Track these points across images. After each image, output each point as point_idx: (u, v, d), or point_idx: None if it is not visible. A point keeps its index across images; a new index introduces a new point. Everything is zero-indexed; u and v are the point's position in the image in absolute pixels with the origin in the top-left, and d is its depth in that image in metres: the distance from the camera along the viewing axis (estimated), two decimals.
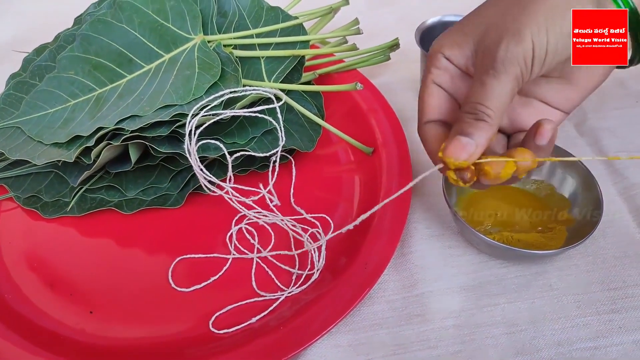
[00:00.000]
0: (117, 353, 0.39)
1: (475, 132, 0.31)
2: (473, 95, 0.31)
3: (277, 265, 0.43)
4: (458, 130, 0.32)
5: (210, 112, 0.40)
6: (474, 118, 0.31)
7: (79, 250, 0.45)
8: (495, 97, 0.31)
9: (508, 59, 0.30)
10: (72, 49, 0.49)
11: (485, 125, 0.31)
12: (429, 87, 0.35)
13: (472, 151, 0.31)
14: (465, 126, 0.31)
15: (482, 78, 0.31)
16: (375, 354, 0.39)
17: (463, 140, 0.31)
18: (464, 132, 0.31)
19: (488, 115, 0.31)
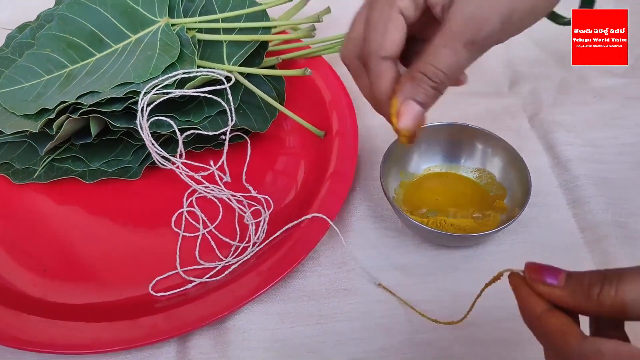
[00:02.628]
0: (64, 309, 0.42)
1: (428, 99, 0.30)
2: (440, 60, 0.29)
3: (220, 237, 0.46)
4: (411, 94, 0.29)
5: (162, 90, 0.43)
6: (433, 87, 0.29)
7: (42, 214, 0.49)
8: (460, 70, 0.29)
9: (483, 36, 0.28)
10: (50, 27, 0.53)
11: (438, 94, 0.30)
12: (394, 16, 0.30)
13: (422, 118, 0.30)
14: (419, 92, 0.29)
15: (456, 46, 0.28)
16: (299, 322, 0.41)
17: (416, 109, 0.29)
18: (421, 100, 0.29)
19: (443, 83, 0.29)
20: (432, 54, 0.29)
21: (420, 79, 0.29)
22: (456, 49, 0.28)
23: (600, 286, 0.23)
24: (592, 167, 0.50)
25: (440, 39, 0.29)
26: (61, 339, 0.39)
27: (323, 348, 0.40)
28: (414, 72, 0.30)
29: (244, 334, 0.41)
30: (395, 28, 0.31)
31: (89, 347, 0.39)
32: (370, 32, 0.31)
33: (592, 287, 0.23)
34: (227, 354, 0.40)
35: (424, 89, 0.29)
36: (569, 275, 0.25)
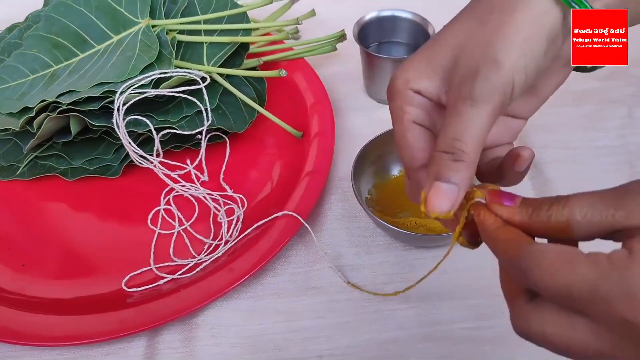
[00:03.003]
0: (40, 303, 0.43)
1: (455, 174, 0.27)
2: (448, 130, 0.28)
3: (194, 235, 0.47)
4: (435, 175, 0.28)
5: (138, 90, 0.44)
6: (452, 159, 0.27)
7: (23, 211, 0.50)
8: (474, 130, 0.27)
9: (488, 89, 0.27)
10: (37, 28, 0.54)
11: (464, 165, 0.27)
12: (410, 128, 0.30)
13: (456, 197, 0.27)
14: (443, 170, 0.27)
15: (458, 109, 0.27)
16: (267, 319, 0.42)
17: (444, 187, 0.27)
18: (442, 176, 0.27)
19: (466, 153, 0.27)
20: (442, 129, 0.28)
21: (438, 156, 0.28)
22: (459, 111, 0.27)
23: (550, 205, 0.25)
24: (571, 169, 0.50)
25: (446, 112, 0.29)
26: (35, 331, 0.41)
27: (290, 345, 0.41)
28: (432, 154, 0.29)
29: (212, 329, 0.41)
30: (414, 138, 0.30)
31: (61, 339, 0.40)
32: (399, 152, 0.31)
33: (542, 206, 0.25)
34: (196, 349, 0.41)
35: (445, 164, 0.27)
36: (525, 199, 0.27)
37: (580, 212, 0.24)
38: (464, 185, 0.27)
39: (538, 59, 0.27)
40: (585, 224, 0.24)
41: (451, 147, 0.27)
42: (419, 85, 0.30)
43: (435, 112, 0.31)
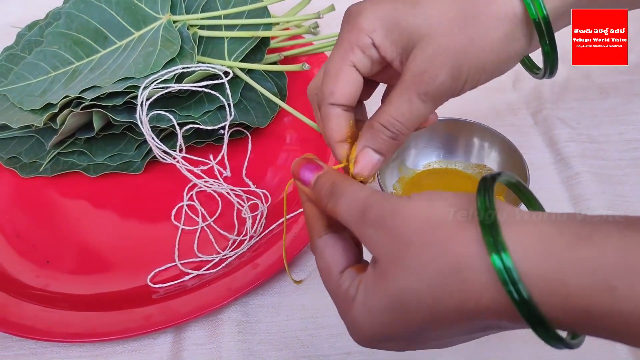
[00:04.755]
0: (64, 299, 0.43)
1: (387, 150, 0.31)
2: (394, 110, 0.30)
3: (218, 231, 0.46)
4: (370, 143, 0.31)
5: (161, 85, 0.44)
6: (390, 136, 0.30)
7: (46, 207, 0.50)
8: (416, 119, 0.30)
9: (443, 93, 0.29)
10: (57, 25, 0.54)
11: (396, 144, 0.31)
12: (346, 69, 0.31)
13: (379, 167, 0.31)
14: (378, 142, 0.30)
15: (410, 97, 0.29)
16: (294, 315, 0.42)
17: (375, 157, 0.31)
18: (378, 148, 0.30)
19: (402, 134, 0.30)
20: (390, 104, 0.30)
21: (378, 128, 0.30)
22: (411, 100, 0.29)
23: (327, 200, 0.28)
24: (594, 164, 0.49)
25: (397, 90, 0.30)
26: (60, 328, 0.40)
27: (317, 342, 0.40)
28: (373, 122, 0.31)
29: (239, 326, 0.41)
30: (347, 80, 0.32)
31: (86, 335, 0.40)
32: (324, 79, 0.32)
33: (322, 198, 0.28)
34: (222, 345, 0.40)
35: (382, 138, 0.30)
36: (316, 181, 0.29)
37: (342, 218, 0.27)
38: (388, 157, 0.31)
39: (494, 68, 0.31)
40: (348, 225, 0.27)
41: (392, 126, 0.30)
42: (381, 42, 0.31)
43: (378, 67, 0.32)
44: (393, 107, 0.30)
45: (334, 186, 0.28)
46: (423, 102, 0.29)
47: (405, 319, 0.25)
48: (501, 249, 0.22)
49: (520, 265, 0.22)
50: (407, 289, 0.24)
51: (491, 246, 0.22)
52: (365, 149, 0.31)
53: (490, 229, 0.22)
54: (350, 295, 0.27)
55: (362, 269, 0.28)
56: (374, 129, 0.30)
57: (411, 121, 0.30)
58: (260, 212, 0.46)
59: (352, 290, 0.27)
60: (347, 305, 0.27)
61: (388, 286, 0.25)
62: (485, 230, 0.22)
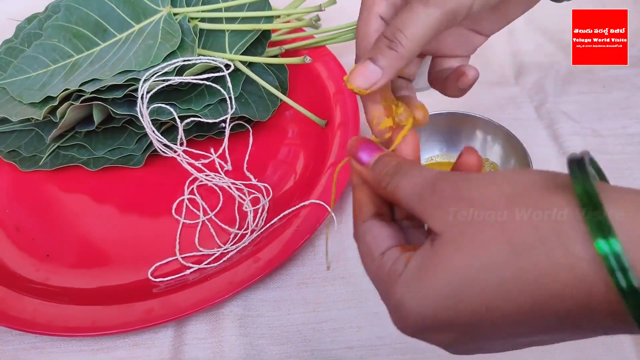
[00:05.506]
0: (64, 293, 0.43)
1: (383, 60, 0.28)
2: (396, 19, 0.28)
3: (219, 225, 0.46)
4: (369, 55, 0.29)
5: (161, 77, 0.44)
6: (387, 45, 0.28)
7: (46, 201, 0.50)
8: (417, 26, 0.28)
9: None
10: (57, 18, 0.53)
11: (395, 55, 0.28)
12: (374, 20, 0.31)
13: (377, 79, 0.28)
14: (375, 52, 0.28)
15: (412, 3, 0.28)
16: (295, 309, 0.41)
17: (370, 67, 0.28)
18: (373, 58, 0.28)
19: (402, 45, 0.28)
20: (394, 18, 0.29)
21: (378, 39, 0.29)
22: (412, 6, 0.28)
23: (389, 178, 0.26)
24: (598, 158, 0.47)
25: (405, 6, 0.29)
26: (60, 322, 0.40)
27: (319, 336, 0.40)
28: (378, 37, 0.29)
29: (240, 320, 0.41)
30: (376, 31, 0.31)
31: (87, 330, 0.39)
32: (357, 42, 0.32)
33: (384, 178, 0.26)
34: (223, 339, 0.40)
35: (380, 47, 0.28)
36: (378, 160, 0.27)
37: (404, 194, 0.25)
38: (388, 72, 0.28)
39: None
40: (406, 207, 0.25)
41: (392, 35, 0.28)
42: None
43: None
44: (395, 18, 0.28)
45: (399, 166, 0.26)
46: (423, 6, 0.27)
47: (471, 300, 0.21)
48: (607, 232, 0.19)
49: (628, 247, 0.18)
50: (482, 262, 0.21)
51: (595, 227, 0.19)
52: (365, 60, 0.28)
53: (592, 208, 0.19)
54: (395, 272, 0.24)
55: (409, 249, 0.25)
56: (376, 40, 0.29)
57: (412, 29, 0.27)
58: (262, 206, 0.46)
59: (398, 267, 0.24)
60: (390, 284, 0.24)
61: (453, 260, 0.21)
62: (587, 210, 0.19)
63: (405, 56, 0.28)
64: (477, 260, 0.21)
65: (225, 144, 0.47)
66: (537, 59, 0.59)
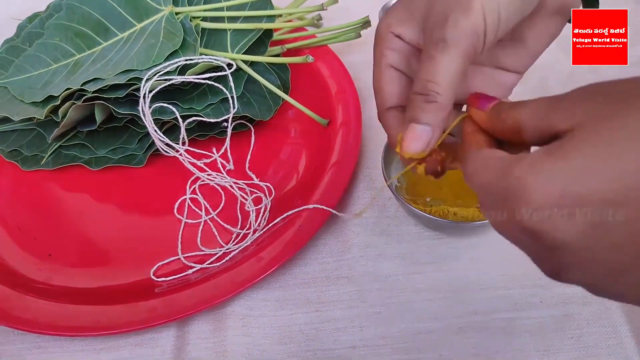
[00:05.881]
0: (67, 293, 0.43)
1: (428, 116, 0.28)
2: (422, 72, 0.29)
3: (222, 224, 0.46)
4: (410, 117, 0.29)
5: (163, 77, 0.43)
6: (425, 100, 0.28)
7: (48, 200, 0.50)
8: (445, 72, 0.28)
9: (458, 31, 0.27)
10: (58, 17, 0.53)
11: (437, 106, 0.28)
12: (385, 72, 0.32)
13: (430, 138, 0.29)
14: (417, 111, 0.29)
15: (430, 53, 0.28)
16: (298, 309, 0.41)
17: (418, 129, 0.29)
18: (417, 118, 0.29)
19: (439, 94, 0.28)
20: (418, 71, 0.29)
21: (413, 98, 0.29)
22: (431, 54, 0.28)
23: (509, 109, 0.26)
24: None
25: (421, 54, 0.29)
26: (63, 322, 0.40)
27: (321, 335, 0.40)
28: (408, 99, 0.30)
29: (243, 320, 0.41)
30: (387, 81, 0.32)
31: (89, 329, 0.39)
32: (375, 95, 0.33)
33: (503, 110, 0.26)
34: (226, 339, 0.40)
35: (419, 106, 0.29)
36: (497, 104, 0.27)
37: (528, 114, 0.25)
38: (437, 126, 0.29)
39: (512, 2, 0.28)
40: (533, 127, 0.24)
41: (424, 89, 0.28)
42: (399, 29, 0.31)
43: (414, 57, 0.32)
44: (420, 72, 0.29)
45: (517, 102, 0.26)
46: (442, 50, 0.27)
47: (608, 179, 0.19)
48: None
49: None
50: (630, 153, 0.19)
51: None
52: (409, 124, 0.29)
53: None
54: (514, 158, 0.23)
55: None
56: (411, 100, 0.29)
57: (441, 76, 0.28)
58: (264, 206, 0.46)
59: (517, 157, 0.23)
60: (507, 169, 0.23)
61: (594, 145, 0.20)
62: None
63: (446, 104, 0.28)
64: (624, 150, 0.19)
65: (227, 143, 0.47)
66: (540, 59, 0.58)
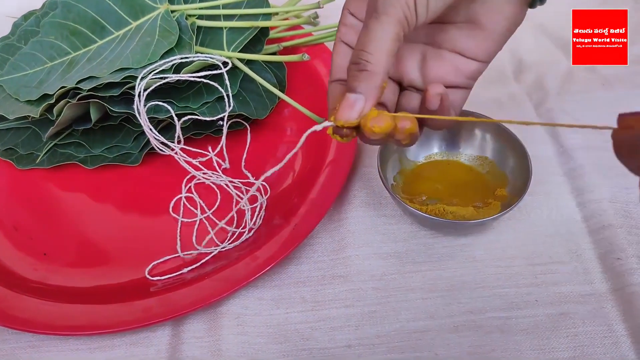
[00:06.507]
0: (62, 292, 0.43)
1: (361, 84, 0.29)
2: (357, 43, 0.30)
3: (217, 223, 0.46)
4: (347, 87, 0.30)
5: (159, 75, 0.43)
6: (358, 69, 0.29)
7: (43, 199, 0.50)
8: (377, 41, 0.29)
9: (388, 1, 0.29)
10: (54, 15, 0.53)
11: (367, 74, 0.29)
12: (337, 46, 0.34)
13: (362, 107, 0.30)
14: (350, 80, 0.30)
15: (366, 23, 0.30)
16: (293, 308, 0.41)
17: (351, 97, 0.30)
18: (351, 87, 0.30)
19: (370, 62, 0.29)
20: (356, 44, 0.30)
21: (349, 68, 0.30)
22: (367, 24, 0.29)
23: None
24: (597, 156, 0.48)
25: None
26: (58, 321, 0.40)
27: (317, 334, 0.40)
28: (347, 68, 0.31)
29: (238, 319, 0.41)
30: (337, 54, 0.34)
31: (84, 328, 0.39)
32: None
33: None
34: (221, 338, 0.40)
35: (352, 75, 0.30)
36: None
37: None
38: (370, 94, 0.29)
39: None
40: None
41: (357, 58, 0.29)
42: (354, 7, 0.33)
43: None
44: (357, 42, 0.30)
45: None
46: (375, 19, 0.29)
47: None
48: None
49: None
50: None
51: None
52: (345, 95, 0.30)
53: None
54: None
55: None
56: (347, 70, 0.30)
57: (373, 45, 0.29)
58: (260, 204, 0.46)
59: None
60: None
61: None
62: None
63: (378, 71, 0.29)
64: None
65: (223, 142, 0.47)
66: (537, 57, 0.59)
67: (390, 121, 0.30)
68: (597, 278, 0.41)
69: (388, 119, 0.30)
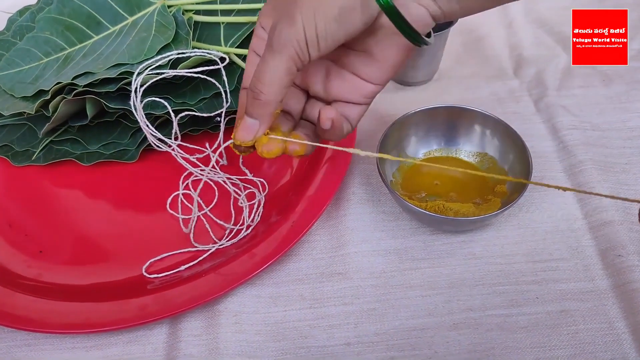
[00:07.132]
0: (58, 289, 0.42)
1: (255, 111, 0.33)
2: (255, 72, 0.33)
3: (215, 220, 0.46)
4: (246, 110, 0.34)
5: (155, 71, 0.43)
6: (252, 96, 0.33)
7: (40, 196, 0.49)
8: (269, 75, 0.32)
9: (282, 40, 0.31)
10: (49, 10, 0.53)
11: (260, 103, 0.32)
12: (249, 55, 0.37)
13: (257, 130, 0.33)
14: (247, 105, 0.33)
15: (263, 54, 0.32)
16: (292, 306, 0.41)
17: (248, 121, 0.33)
18: (248, 112, 0.33)
19: (263, 92, 0.32)
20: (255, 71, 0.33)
21: (247, 93, 0.33)
22: (264, 57, 0.32)
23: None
24: (597, 152, 0.48)
25: None
26: (54, 319, 0.39)
27: (316, 332, 0.39)
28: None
29: (235, 316, 0.40)
30: (247, 63, 0.37)
31: (80, 326, 0.39)
32: None
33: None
34: (219, 336, 0.39)
35: (249, 100, 0.33)
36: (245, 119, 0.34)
37: None
38: (264, 120, 0.33)
39: (330, 22, 0.31)
40: None
41: (253, 86, 0.32)
42: (263, 20, 0.36)
43: None
44: (255, 70, 0.32)
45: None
46: (270, 55, 0.31)
47: None
48: None
49: None
50: None
51: None
52: (242, 116, 0.34)
53: None
54: None
55: None
56: (247, 95, 0.33)
57: (265, 78, 0.32)
58: (258, 201, 0.46)
59: None
60: None
61: None
62: None
63: (270, 101, 0.32)
64: None
65: (221, 138, 0.47)
66: (536, 52, 0.58)
67: (280, 146, 0.35)
68: (597, 275, 0.41)
69: (278, 145, 0.35)
